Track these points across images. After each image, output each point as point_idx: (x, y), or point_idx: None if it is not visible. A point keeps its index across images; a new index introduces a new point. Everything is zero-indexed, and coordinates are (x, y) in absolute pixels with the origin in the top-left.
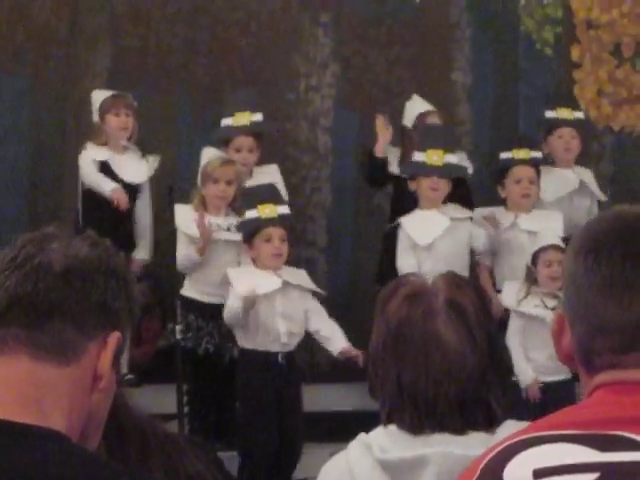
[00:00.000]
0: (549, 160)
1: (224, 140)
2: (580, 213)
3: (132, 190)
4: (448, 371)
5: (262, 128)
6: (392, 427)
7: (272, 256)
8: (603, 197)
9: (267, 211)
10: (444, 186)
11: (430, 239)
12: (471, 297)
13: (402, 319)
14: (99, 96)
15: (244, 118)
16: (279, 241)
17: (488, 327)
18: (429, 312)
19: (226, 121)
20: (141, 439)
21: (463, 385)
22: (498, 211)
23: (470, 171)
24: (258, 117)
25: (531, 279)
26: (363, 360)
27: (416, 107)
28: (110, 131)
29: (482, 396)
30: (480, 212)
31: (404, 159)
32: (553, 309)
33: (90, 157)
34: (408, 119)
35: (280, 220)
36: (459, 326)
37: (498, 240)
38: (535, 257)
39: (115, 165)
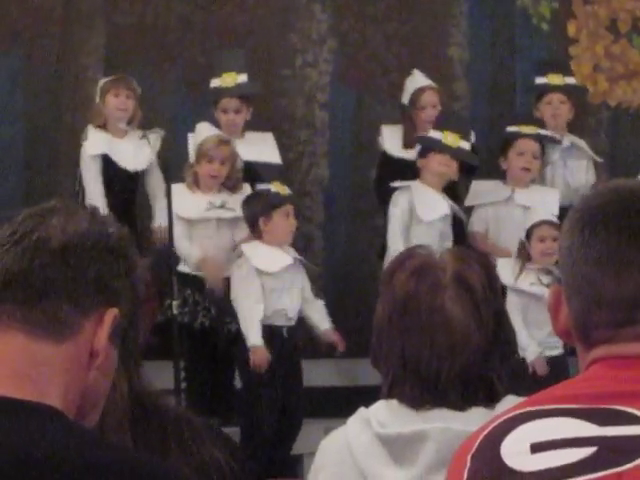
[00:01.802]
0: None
1: (213, 101)
2: (574, 173)
3: (134, 176)
4: (452, 346)
5: (246, 90)
6: (393, 401)
7: (290, 232)
8: (598, 158)
9: (282, 188)
10: (454, 168)
11: (432, 217)
12: (479, 273)
13: (409, 293)
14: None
15: (230, 79)
16: (293, 218)
17: (495, 304)
18: (436, 287)
19: (215, 81)
20: (160, 422)
21: (467, 361)
22: (495, 184)
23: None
24: (243, 78)
25: (524, 255)
26: (343, 346)
27: (414, 83)
28: (109, 112)
29: (485, 373)
30: (478, 185)
31: (407, 137)
32: (549, 285)
33: (89, 154)
34: (405, 96)
35: (292, 198)
36: (466, 302)
37: (493, 213)
38: (529, 233)
39: (115, 154)
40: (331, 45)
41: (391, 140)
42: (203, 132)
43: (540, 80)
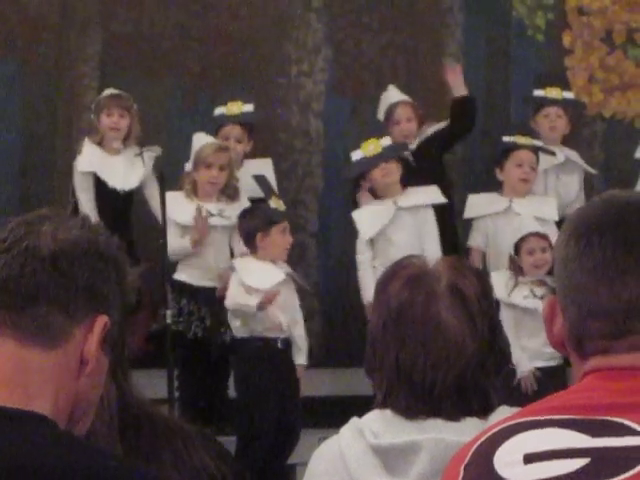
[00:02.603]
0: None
1: (215, 128)
2: (567, 189)
3: (125, 195)
4: (447, 356)
5: (249, 118)
6: (386, 411)
7: (286, 249)
8: (593, 171)
9: (280, 204)
10: (395, 169)
11: (374, 232)
12: (473, 283)
13: (403, 302)
14: (101, 95)
15: (235, 107)
16: (289, 235)
17: (489, 314)
18: (431, 296)
19: (219, 109)
20: (152, 430)
21: (461, 371)
22: (492, 196)
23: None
24: (249, 108)
25: (516, 268)
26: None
27: (388, 98)
28: (102, 130)
29: (479, 383)
30: (474, 199)
31: None
32: (542, 298)
33: (79, 170)
34: (380, 112)
35: (288, 215)
36: (460, 312)
37: (492, 224)
38: (517, 246)
39: (104, 173)
40: (326, 54)
41: None
42: (201, 140)
43: (538, 92)
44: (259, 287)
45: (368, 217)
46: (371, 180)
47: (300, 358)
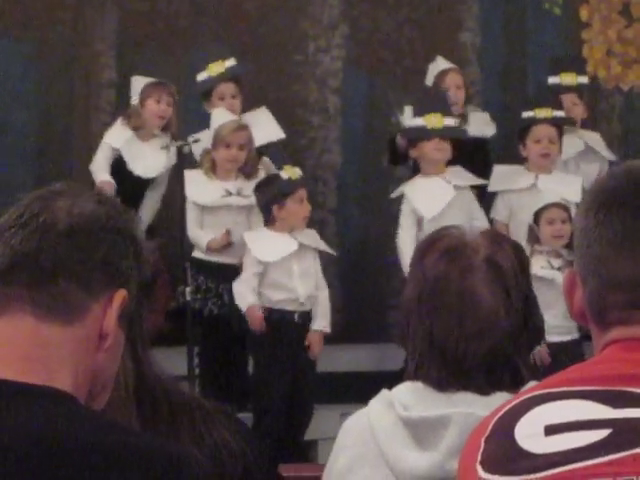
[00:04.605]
0: None
1: (205, 93)
2: (588, 178)
3: (143, 183)
4: (480, 329)
5: (238, 71)
6: (417, 384)
7: (305, 217)
8: (613, 157)
9: (294, 172)
10: (448, 148)
11: (436, 211)
12: (510, 257)
13: (440, 274)
14: (140, 80)
15: (218, 66)
16: (307, 202)
17: (525, 289)
18: (468, 269)
19: (202, 75)
20: (170, 406)
21: (494, 345)
22: (517, 170)
23: (492, 132)
24: (231, 62)
25: (534, 238)
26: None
27: (437, 66)
28: (147, 116)
29: (511, 358)
30: (500, 171)
31: None
32: (559, 269)
33: (107, 142)
34: (429, 78)
35: (304, 181)
36: (496, 286)
37: (517, 199)
38: (537, 215)
39: (129, 155)
40: (343, 30)
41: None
42: (220, 118)
43: (553, 79)
44: (266, 259)
45: (425, 194)
46: (420, 150)
47: (318, 323)
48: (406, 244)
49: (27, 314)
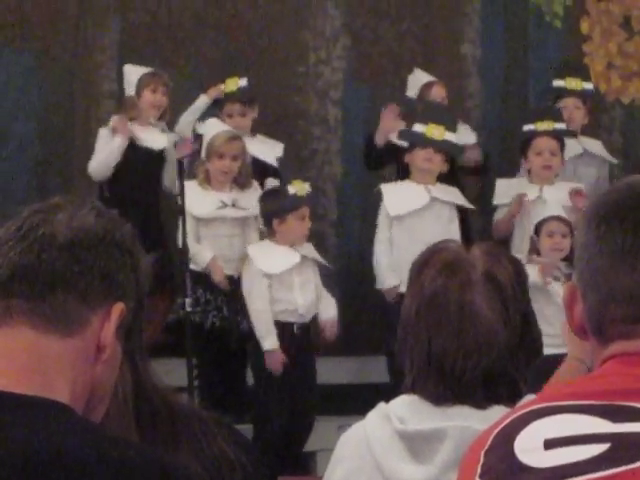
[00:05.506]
0: None
1: (219, 107)
2: (585, 182)
3: (156, 158)
4: (479, 344)
5: (247, 94)
6: (414, 397)
7: (304, 234)
8: (614, 160)
9: (302, 187)
10: (439, 161)
11: (401, 211)
12: (509, 271)
13: (438, 288)
14: (133, 70)
15: (232, 84)
16: (308, 220)
17: (523, 303)
18: (466, 283)
19: (215, 90)
20: (169, 418)
21: (492, 359)
22: (520, 182)
23: (474, 140)
24: (244, 82)
25: (533, 249)
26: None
27: (420, 79)
28: (143, 106)
29: (509, 372)
30: (504, 184)
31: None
32: (556, 279)
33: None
34: (412, 90)
35: (309, 199)
36: (495, 300)
37: (524, 211)
38: (537, 228)
39: (135, 133)
40: (344, 42)
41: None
42: (213, 128)
43: (558, 83)
44: (270, 272)
45: (398, 195)
46: (410, 157)
47: (327, 312)
48: (380, 242)
49: (26, 326)
